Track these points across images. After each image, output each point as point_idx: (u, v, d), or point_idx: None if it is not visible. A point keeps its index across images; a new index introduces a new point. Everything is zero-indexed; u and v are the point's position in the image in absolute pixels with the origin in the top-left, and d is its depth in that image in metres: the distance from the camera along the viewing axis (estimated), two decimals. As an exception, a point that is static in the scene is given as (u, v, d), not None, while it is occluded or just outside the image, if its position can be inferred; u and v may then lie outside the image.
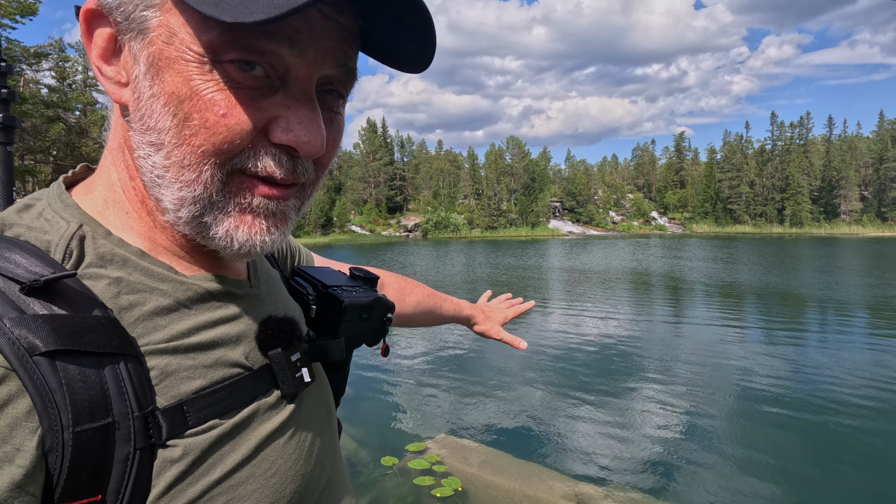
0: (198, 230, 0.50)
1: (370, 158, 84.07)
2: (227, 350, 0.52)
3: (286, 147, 0.48)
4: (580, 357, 9.30)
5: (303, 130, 0.47)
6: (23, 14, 21.62)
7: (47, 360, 0.40)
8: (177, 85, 0.44)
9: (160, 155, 0.47)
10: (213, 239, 0.49)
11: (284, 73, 0.46)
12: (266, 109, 0.46)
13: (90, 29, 0.48)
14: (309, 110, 0.47)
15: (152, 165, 0.48)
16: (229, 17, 0.39)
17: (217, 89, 0.44)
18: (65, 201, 0.51)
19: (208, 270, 0.55)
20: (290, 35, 0.44)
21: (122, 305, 0.47)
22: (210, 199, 0.47)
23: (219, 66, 0.44)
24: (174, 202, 0.48)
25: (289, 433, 0.56)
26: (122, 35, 0.47)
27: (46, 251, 0.47)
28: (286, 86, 0.47)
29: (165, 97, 0.45)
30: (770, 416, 6.48)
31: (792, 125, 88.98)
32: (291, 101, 0.47)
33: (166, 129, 0.46)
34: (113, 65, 0.49)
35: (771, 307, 14.55)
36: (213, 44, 0.43)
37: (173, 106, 0.45)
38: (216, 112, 0.44)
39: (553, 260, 32.64)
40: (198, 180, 0.46)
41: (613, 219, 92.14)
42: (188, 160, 0.46)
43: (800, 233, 76.50)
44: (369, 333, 0.81)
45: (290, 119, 0.47)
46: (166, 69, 0.45)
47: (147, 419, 0.44)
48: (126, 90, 0.48)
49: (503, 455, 5.31)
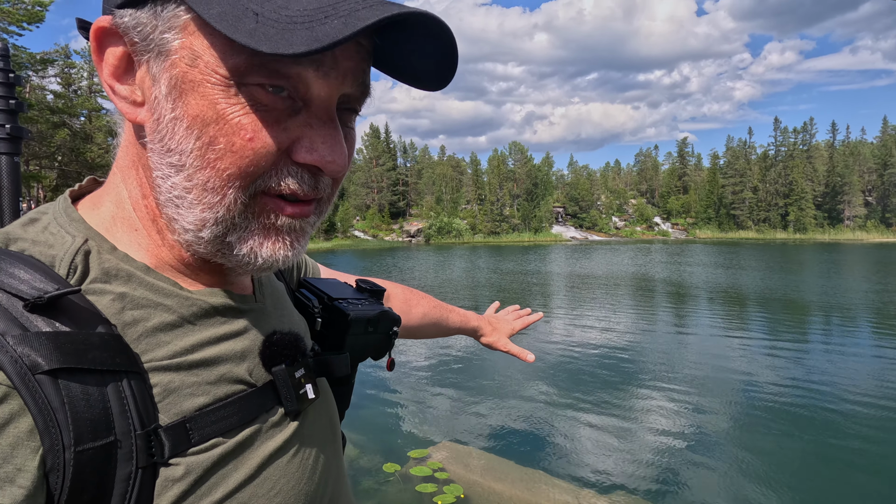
0: (218, 248, 0.50)
1: (373, 164, 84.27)
2: (231, 366, 0.52)
3: (309, 166, 0.48)
4: (583, 364, 9.28)
5: (327, 150, 0.48)
6: (29, 21, 21.81)
7: (50, 379, 0.40)
8: (202, 108, 0.44)
9: (181, 176, 0.47)
10: (235, 256, 0.50)
11: (307, 94, 0.46)
12: (290, 130, 0.47)
13: (101, 47, 0.48)
14: (331, 129, 0.48)
15: (171, 186, 0.48)
16: (268, 48, 0.39)
17: (243, 113, 0.44)
18: (70, 215, 0.51)
19: (213, 286, 0.55)
20: (316, 59, 0.45)
21: (125, 321, 0.47)
22: (233, 220, 0.48)
23: (244, 88, 0.44)
24: (195, 223, 0.48)
25: (292, 451, 0.55)
26: (140, 55, 0.47)
27: (51, 266, 0.46)
28: (308, 106, 0.47)
29: (189, 120, 0.45)
30: (775, 425, 6.44)
31: (795, 131, 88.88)
32: (314, 121, 0.47)
33: (188, 151, 0.46)
34: (126, 83, 0.49)
35: (775, 314, 14.49)
36: (240, 68, 0.43)
37: (197, 129, 0.45)
38: (243, 136, 0.45)
39: (556, 265, 32.60)
40: (221, 203, 0.47)
41: (616, 224, 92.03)
42: (212, 183, 0.46)
43: (804, 238, 76.23)
44: (375, 347, 0.80)
45: (314, 139, 0.47)
46: (190, 92, 0.45)
47: (150, 437, 0.44)
48: (142, 110, 0.48)
49: (505, 462, 5.29)
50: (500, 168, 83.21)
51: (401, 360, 9.71)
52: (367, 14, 0.40)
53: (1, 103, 2.11)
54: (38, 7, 21.45)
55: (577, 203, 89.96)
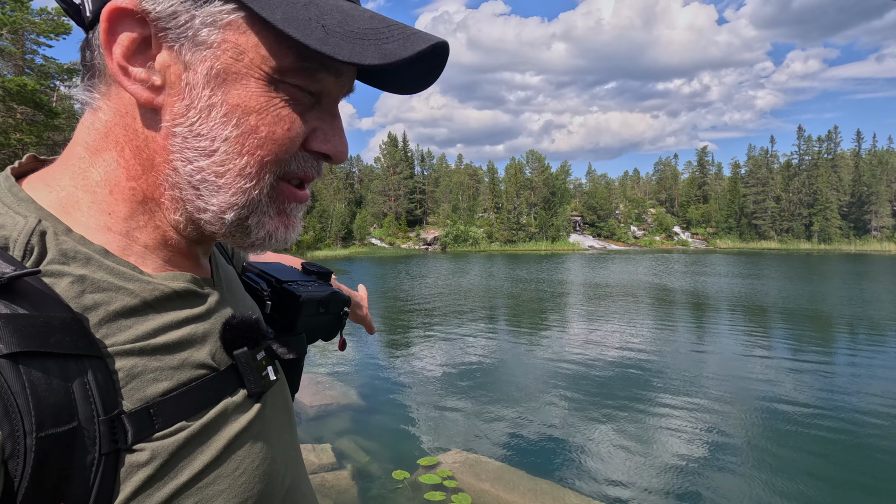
0: (235, 230, 0.52)
1: (391, 172, 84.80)
2: (194, 350, 0.52)
3: (320, 154, 0.54)
4: (598, 373, 9.11)
5: (338, 140, 0.53)
6: (56, 33, 22.49)
7: (10, 363, 0.39)
8: (244, 98, 0.48)
9: (210, 161, 0.48)
10: (248, 237, 0.53)
11: (320, 93, 0.52)
12: (309, 121, 0.51)
13: (115, 27, 0.47)
14: (339, 123, 0.54)
15: (195, 169, 0.49)
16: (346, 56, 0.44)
17: (283, 105, 0.49)
18: (17, 194, 0.50)
19: (173, 269, 0.55)
20: (338, 68, 0.51)
21: (86, 305, 0.46)
22: (259, 204, 0.51)
23: (283, 86, 0.49)
24: (220, 206, 0.50)
25: (255, 432, 0.56)
26: (170, 42, 0.48)
27: (4, 248, 0.45)
28: (320, 102, 0.52)
29: (228, 108, 0.48)
30: (798, 443, 6.22)
31: (819, 139, 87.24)
32: (326, 115, 0.53)
33: (224, 138, 0.48)
34: (142, 66, 0.49)
35: (800, 326, 14.11)
36: (284, 68, 0.48)
37: (237, 117, 0.48)
38: (283, 126, 0.49)
39: (573, 275, 32.31)
40: (255, 187, 0.50)
41: (635, 233, 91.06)
42: (249, 169, 0.49)
43: (828, 249, 74.55)
44: (326, 328, 0.81)
45: (328, 131, 0.53)
46: (233, 83, 0.47)
47: (113, 423, 0.44)
48: (160, 94, 0.49)
49: (516, 471, 5.18)
50: (517, 176, 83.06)
51: (412, 366, 9.65)
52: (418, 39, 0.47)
53: None
54: (64, 19, 22.09)
55: (595, 212, 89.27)
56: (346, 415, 7.05)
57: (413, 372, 9.35)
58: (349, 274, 33.55)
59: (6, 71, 23.07)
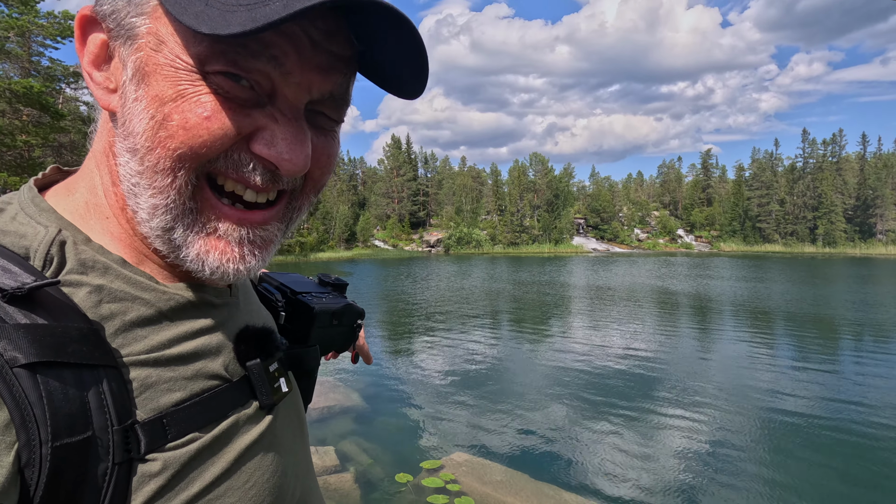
0: (170, 248, 0.49)
1: (394, 174, 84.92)
2: (207, 361, 0.52)
3: (266, 161, 0.47)
4: (602, 377, 9.08)
5: (285, 147, 0.46)
6: (63, 35, 22.63)
7: (28, 373, 0.39)
8: (162, 88, 0.44)
9: (135, 161, 0.46)
10: (184, 260, 0.49)
11: (272, 91, 0.46)
12: (254, 118, 0.46)
13: (84, 35, 0.48)
14: (295, 128, 0.47)
15: (129, 172, 0.47)
16: (207, 28, 0.39)
17: (204, 93, 0.44)
18: (39, 205, 0.50)
19: (189, 280, 0.54)
20: (274, 55, 0.44)
21: (103, 315, 0.46)
22: (182, 207, 0.47)
23: (208, 76, 0.44)
24: (148, 210, 0.47)
25: (266, 444, 0.55)
26: (113, 41, 0.47)
27: (25, 257, 0.45)
28: (273, 101, 0.46)
29: (147, 100, 0.44)
30: (801, 444, 6.18)
31: (824, 142, 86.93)
32: (279, 116, 0.46)
33: (141, 132, 0.45)
34: (103, 71, 0.48)
35: (804, 329, 14.05)
36: (202, 55, 0.43)
37: (153, 108, 0.44)
38: (199, 114, 0.44)
39: (576, 277, 32.26)
40: (171, 185, 0.45)
41: (638, 236, 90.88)
42: (162, 164, 0.45)
43: (833, 252, 74.19)
44: (339, 340, 0.81)
45: (276, 133, 0.46)
46: (153, 74, 0.44)
47: (127, 433, 0.43)
48: (114, 96, 0.48)
49: (520, 475, 5.16)
50: (520, 179, 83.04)
51: (416, 368, 9.64)
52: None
53: None
54: (70, 21, 22.23)
55: (599, 214, 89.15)
56: (349, 417, 7.05)
57: (416, 374, 9.34)
58: (352, 276, 33.57)
59: (12, 73, 23.22)
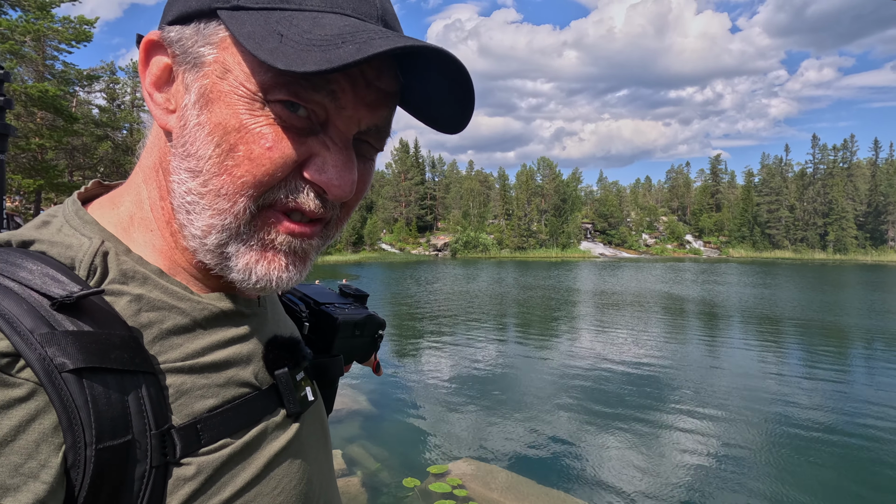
0: (218, 260, 0.51)
1: (402, 178, 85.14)
2: (239, 369, 0.54)
3: (317, 187, 0.50)
4: (610, 384, 9.06)
5: (335, 173, 0.49)
6: (78, 40, 22.93)
7: (75, 377, 0.41)
8: (225, 116, 0.47)
9: (196, 182, 0.49)
10: (231, 270, 0.51)
11: (325, 121, 0.49)
12: (308, 145, 0.49)
13: (148, 57, 0.51)
14: (344, 156, 0.50)
15: (185, 191, 0.49)
16: (283, 64, 0.42)
17: (266, 124, 0.47)
18: (82, 217, 0.53)
19: (221, 290, 0.56)
20: (333, 90, 0.47)
21: (142, 323, 0.48)
22: (238, 229, 0.49)
23: (269, 105, 0.47)
24: (202, 229, 0.49)
25: (293, 452, 0.57)
26: (178, 66, 0.50)
27: (71, 267, 0.48)
28: (325, 130, 0.49)
29: (211, 126, 0.47)
30: (811, 452, 6.14)
31: (835, 148, 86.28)
32: (330, 144, 0.49)
33: (206, 157, 0.48)
34: (164, 92, 0.51)
35: (814, 337, 13.93)
36: (265, 84, 0.46)
37: (218, 136, 0.47)
38: (262, 145, 0.47)
39: (583, 282, 32.16)
40: (231, 210, 0.48)
41: (646, 241, 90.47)
42: (226, 189, 0.48)
43: (844, 259, 73.50)
44: (361, 350, 0.82)
45: (327, 160, 0.49)
46: (217, 101, 0.47)
47: (163, 437, 0.45)
48: (173, 117, 0.51)
49: (527, 482, 5.17)
50: (528, 183, 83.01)
51: (424, 373, 9.66)
52: (381, 43, 0.43)
53: None
54: (85, 26, 22.53)
55: (606, 219, 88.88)
56: (356, 421, 7.08)
57: (423, 379, 9.36)
58: (360, 279, 33.65)
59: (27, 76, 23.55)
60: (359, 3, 0.48)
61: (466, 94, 0.49)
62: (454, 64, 0.46)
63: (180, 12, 0.49)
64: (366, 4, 0.48)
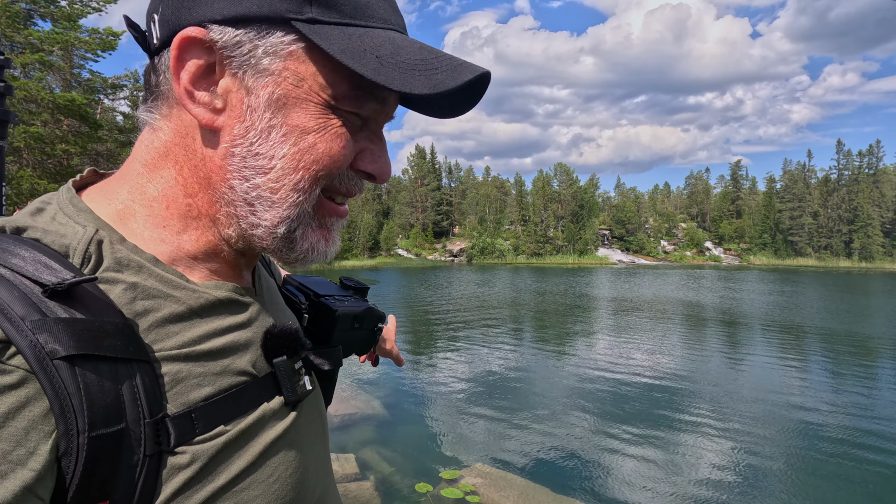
0: (284, 244, 0.54)
1: (418, 184, 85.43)
2: (235, 358, 0.54)
3: (364, 173, 0.57)
4: (627, 392, 8.94)
5: (383, 161, 0.57)
6: (104, 49, 23.51)
7: (67, 365, 0.41)
8: (303, 119, 0.51)
9: (266, 178, 0.51)
10: (293, 251, 0.55)
11: (367, 117, 0.55)
12: (359, 141, 0.55)
13: (185, 55, 0.51)
14: (384, 146, 0.57)
15: (251, 187, 0.52)
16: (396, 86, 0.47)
17: (339, 126, 0.52)
18: (77, 205, 0.53)
19: (218, 278, 0.57)
20: (384, 98, 0.54)
21: (136, 311, 0.48)
22: (307, 214, 0.54)
23: (338, 110, 0.52)
24: (274, 220, 0.52)
25: (290, 440, 0.57)
26: (231, 68, 0.51)
27: (65, 255, 0.48)
28: (367, 126, 0.56)
29: (288, 128, 0.51)
30: (833, 465, 5.98)
31: (860, 154, 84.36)
32: (374, 138, 0.56)
33: (282, 155, 0.51)
34: (204, 90, 0.52)
35: (838, 347, 13.58)
36: (339, 95, 0.51)
37: (295, 136, 0.51)
38: (339, 144, 0.52)
39: (600, 289, 31.85)
40: (306, 200, 0.53)
41: (665, 248, 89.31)
42: (303, 183, 0.52)
43: (870, 267, 71.70)
44: (360, 343, 0.83)
45: (375, 152, 0.56)
46: (293, 106, 0.51)
47: (157, 426, 0.45)
48: (221, 116, 0.52)
49: (540, 489, 5.11)
50: (544, 189, 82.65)
51: (438, 377, 9.63)
52: (465, 70, 0.50)
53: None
54: (111, 37, 23.10)
55: (624, 226, 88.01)
56: (369, 425, 7.08)
57: (438, 383, 9.33)
58: (377, 284, 33.79)
59: (54, 84, 24.19)
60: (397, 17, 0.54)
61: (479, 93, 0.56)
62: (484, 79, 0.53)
63: (234, 14, 0.49)
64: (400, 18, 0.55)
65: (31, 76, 20.76)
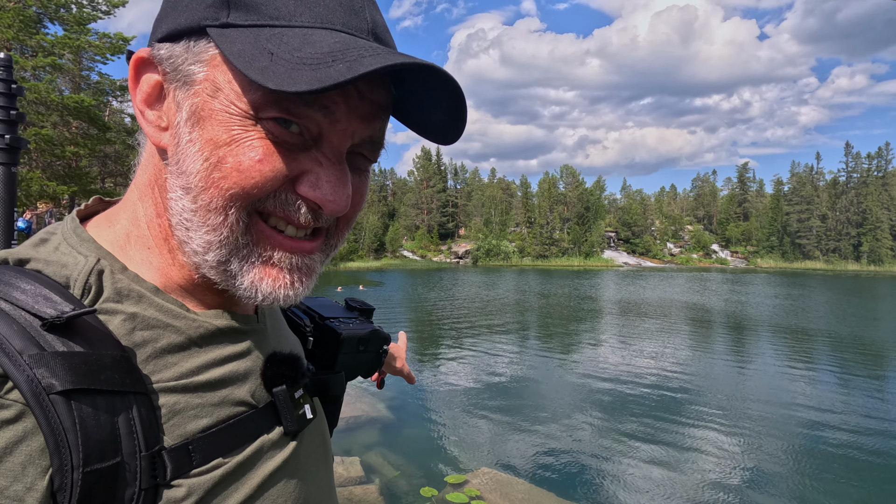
0: (223, 277, 0.51)
1: (424, 185, 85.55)
2: (234, 388, 0.53)
3: (310, 201, 0.50)
4: (633, 397, 8.91)
5: (329, 189, 0.49)
6: (113, 52, 23.73)
7: (63, 399, 0.40)
8: (216, 133, 0.47)
9: (188, 198, 0.48)
10: (238, 288, 0.51)
11: (318, 136, 0.49)
12: (300, 161, 0.48)
13: (138, 75, 0.51)
14: (338, 171, 0.49)
15: (181, 209, 0.49)
16: (273, 84, 0.41)
17: (257, 138, 0.47)
18: (80, 235, 0.53)
19: (218, 307, 0.56)
20: (326, 105, 0.47)
21: (135, 342, 0.48)
22: (236, 243, 0.49)
23: (260, 122, 0.47)
24: (202, 246, 0.49)
25: (290, 471, 0.56)
26: (169, 84, 0.50)
27: (66, 286, 0.48)
28: (318, 146, 0.49)
29: (202, 143, 0.47)
30: (842, 469, 5.93)
31: (869, 156, 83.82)
32: (324, 160, 0.49)
33: (195, 172, 0.47)
34: (155, 110, 0.51)
35: (846, 352, 13.48)
36: (256, 102, 0.46)
37: (208, 151, 0.47)
38: (252, 157, 0.46)
39: (606, 292, 31.76)
40: (224, 223, 0.48)
41: (671, 251, 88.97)
42: (215, 203, 0.47)
43: (879, 271, 71.13)
44: (366, 365, 0.82)
45: (321, 176, 0.49)
46: (208, 118, 0.47)
47: (154, 459, 0.45)
48: (165, 134, 0.51)
49: (546, 494, 5.10)
50: (550, 191, 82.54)
51: (444, 381, 9.64)
52: (372, 61, 0.42)
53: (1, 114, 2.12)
54: (121, 42, 23.31)
55: (630, 228, 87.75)
56: (375, 428, 7.09)
57: (443, 386, 9.33)
58: (383, 285, 33.83)
59: (63, 86, 24.42)
60: (349, 17, 0.48)
61: (458, 105, 0.50)
62: (444, 78, 0.46)
63: (170, 30, 0.49)
64: (356, 19, 0.48)
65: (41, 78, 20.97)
